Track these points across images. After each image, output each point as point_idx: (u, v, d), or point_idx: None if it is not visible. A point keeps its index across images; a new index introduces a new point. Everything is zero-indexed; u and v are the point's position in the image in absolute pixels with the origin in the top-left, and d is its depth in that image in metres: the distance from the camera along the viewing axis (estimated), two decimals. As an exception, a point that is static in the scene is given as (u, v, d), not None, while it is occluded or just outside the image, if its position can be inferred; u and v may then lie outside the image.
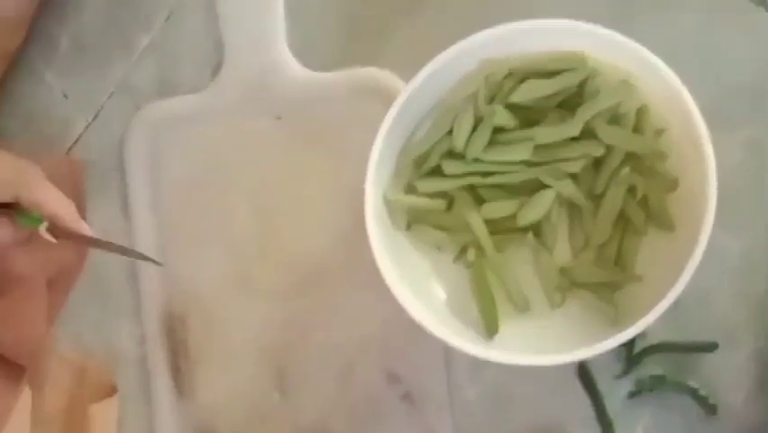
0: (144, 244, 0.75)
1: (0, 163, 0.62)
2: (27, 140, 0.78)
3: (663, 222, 0.66)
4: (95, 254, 0.75)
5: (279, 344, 0.73)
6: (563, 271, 0.68)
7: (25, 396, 0.73)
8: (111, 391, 0.75)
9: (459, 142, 0.68)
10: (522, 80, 0.67)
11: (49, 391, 0.76)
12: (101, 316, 0.77)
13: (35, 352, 0.73)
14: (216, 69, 0.75)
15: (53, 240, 0.64)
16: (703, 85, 0.64)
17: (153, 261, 0.68)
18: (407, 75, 0.66)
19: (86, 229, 0.66)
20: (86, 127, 0.77)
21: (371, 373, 0.72)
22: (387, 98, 0.67)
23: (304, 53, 0.74)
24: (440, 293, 0.70)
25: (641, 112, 0.66)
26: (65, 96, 0.77)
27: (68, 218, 0.65)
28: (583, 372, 0.71)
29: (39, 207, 0.63)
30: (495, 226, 0.69)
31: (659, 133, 0.66)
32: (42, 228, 0.64)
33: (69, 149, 0.77)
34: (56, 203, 0.65)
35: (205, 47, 0.76)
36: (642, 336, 0.69)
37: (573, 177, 0.67)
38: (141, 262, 0.74)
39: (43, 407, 0.75)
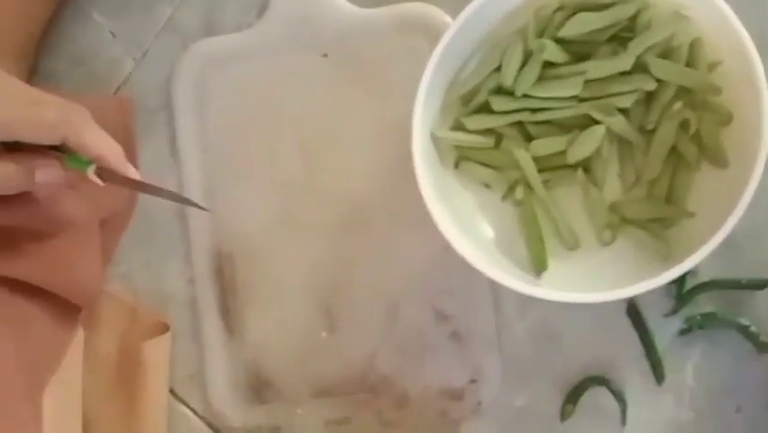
0: (192, 182, 0.75)
1: (47, 105, 0.62)
2: (76, 81, 0.78)
3: (717, 157, 0.65)
4: (144, 196, 0.76)
5: (327, 282, 0.74)
6: (614, 208, 0.68)
7: (78, 336, 0.75)
8: (163, 329, 0.76)
9: (508, 77, 0.67)
10: (572, 14, 0.66)
11: (102, 330, 0.77)
12: (151, 256, 0.77)
13: (89, 293, 0.74)
14: (263, 7, 0.75)
15: (101, 183, 0.65)
16: (757, 15, 0.62)
17: (200, 207, 0.68)
18: (454, 10, 0.65)
19: (133, 172, 0.65)
20: (135, 67, 0.77)
21: (419, 311, 0.73)
22: (434, 34, 0.66)
23: (350, -11, 0.74)
24: (488, 231, 0.70)
25: (694, 45, 0.65)
26: (113, 35, 0.78)
27: (115, 161, 0.64)
28: (633, 310, 0.70)
29: (86, 150, 0.63)
30: (544, 163, 0.68)
31: (712, 66, 0.65)
32: (90, 171, 0.64)
33: (118, 89, 0.77)
34: (103, 145, 0.64)
35: (251, -16, 0.76)
36: (692, 273, 0.69)
37: (624, 112, 0.66)
38: (189, 203, 0.74)
39: (97, 346, 0.76)
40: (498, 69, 0.68)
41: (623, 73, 0.65)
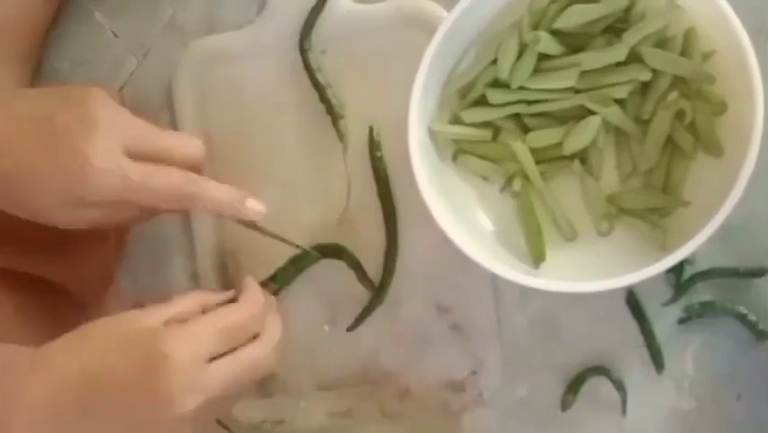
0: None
1: (160, 173, 0.65)
2: (79, 80, 0.79)
3: (712, 146, 0.65)
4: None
5: (328, 276, 0.74)
6: (611, 199, 0.68)
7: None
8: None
9: (503, 70, 0.68)
10: (567, 6, 0.66)
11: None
12: (155, 252, 0.78)
13: (99, 290, 0.75)
14: (262, 4, 0.75)
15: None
16: (751, 5, 0.63)
17: (294, 244, 0.72)
18: (451, 4, 0.66)
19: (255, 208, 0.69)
20: (137, 66, 0.78)
21: (420, 304, 0.73)
22: (431, 29, 0.66)
23: (347, -15, 0.74)
24: (486, 223, 0.70)
25: (688, 35, 0.65)
26: (115, 35, 0.78)
27: (240, 203, 0.68)
28: (632, 299, 0.71)
29: (213, 202, 0.67)
30: (541, 155, 0.69)
31: (707, 56, 0.65)
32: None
33: (121, 88, 0.78)
34: (225, 191, 0.68)
35: (250, -17, 0.76)
36: (690, 262, 0.69)
37: (620, 102, 0.67)
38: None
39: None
40: (494, 62, 0.68)
41: (618, 64, 0.66)
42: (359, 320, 0.73)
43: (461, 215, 0.68)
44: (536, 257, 0.68)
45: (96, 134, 0.62)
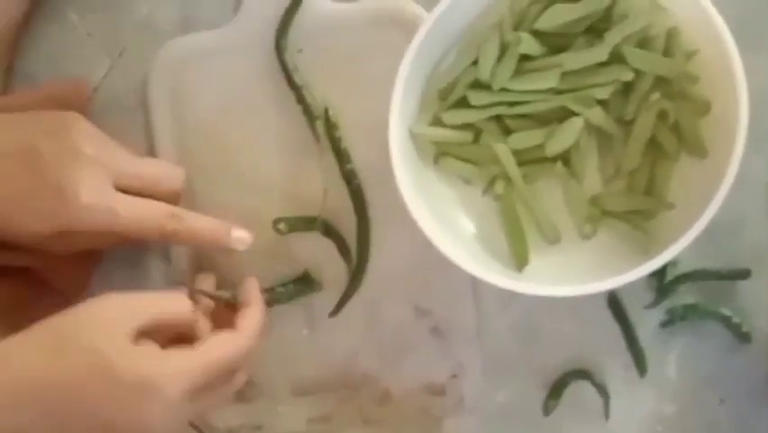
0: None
1: (146, 205, 0.66)
2: (51, 81, 0.77)
3: (696, 147, 0.65)
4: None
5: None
6: (594, 201, 0.68)
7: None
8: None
9: (484, 71, 0.67)
10: (548, 6, 0.65)
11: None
12: (130, 254, 0.76)
13: (79, 286, 0.74)
14: (238, 3, 0.74)
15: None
16: (734, 3, 0.62)
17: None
18: (430, 4, 0.65)
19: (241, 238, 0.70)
20: (111, 66, 0.77)
21: (399, 307, 0.72)
22: (410, 29, 0.65)
23: (324, -16, 0.73)
24: (468, 227, 0.70)
25: (671, 34, 0.64)
26: (89, 35, 0.77)
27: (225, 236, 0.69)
28: (614, 302, 0.70)
29: (196, 237, 0.68)
30: (523, 157, 0.68)
31: (689, 55, 0.64)
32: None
33: (95, 89, 0.77)
34: (208, 224, 0.69)
35: (225, -18, 0.75)
36: (673, 264, 0.69)
37: (602, 103, 0.66)
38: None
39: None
40: (475, 63, 0.68)
41: (600, 64, 0.65)
42: (339, 306, 0.72)
43: (442, 217, 0.67)
44: (519, 260, 0.67)
45: (84, 168, 0.64)
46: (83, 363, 0.58)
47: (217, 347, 0.63)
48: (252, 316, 0.66)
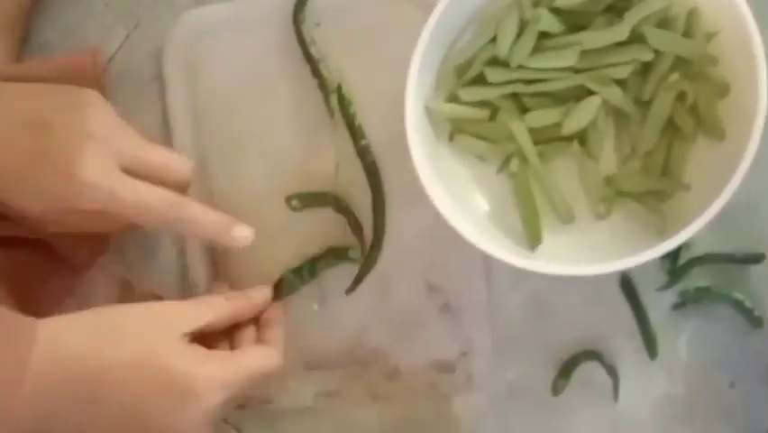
0: (184, 153, 0.74)
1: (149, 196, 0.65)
2: (67, 51, 0.77)
3: (713, 129, 0.64)
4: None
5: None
6: (609, 181, 0.67)
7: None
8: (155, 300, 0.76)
9: (503, 48, 0.67)
10: (568, -17, 0.65)
11: (97, 304, 0.76)
12: (146, 236, 0.77)
13: (91, 256, 0.75)
14: (255, -25, 0.74)
15: None
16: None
17: None
18: (450, -21, 0.64)
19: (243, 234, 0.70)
20: (127, 36, 0.76)
21: (411, 283, 0.72)
22: (428, 5, 0.65)
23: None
24: (482, 204, 0.69)
25: (691, 15, 0.64)
26: (106, 5, 0.77)
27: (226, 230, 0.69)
28: (626, 283, 0.70)
29: (200, 228, 0.68)
30: (539, 135, 0.68)
31: (710, 36, 0.64)
32: None
33: (110, 59, 0.77)
34: (211, 217, 0.69)
35: (243, -47, 0.75)
36: (687, 247, 0.68)
37: (620, 83, 0.66)
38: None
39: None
40: (494, 40, 0.67)
41: (619, 44, 0.65)
42: (356, 283, 0.72)
43: (456, 195, 0.67)
44: (533, 239, 0.67)
45: (90, 145, 0.63)
46: (135, 355, 0.60)
47: (258, 361, 0.65)
48: (281, 334, 0.69)
